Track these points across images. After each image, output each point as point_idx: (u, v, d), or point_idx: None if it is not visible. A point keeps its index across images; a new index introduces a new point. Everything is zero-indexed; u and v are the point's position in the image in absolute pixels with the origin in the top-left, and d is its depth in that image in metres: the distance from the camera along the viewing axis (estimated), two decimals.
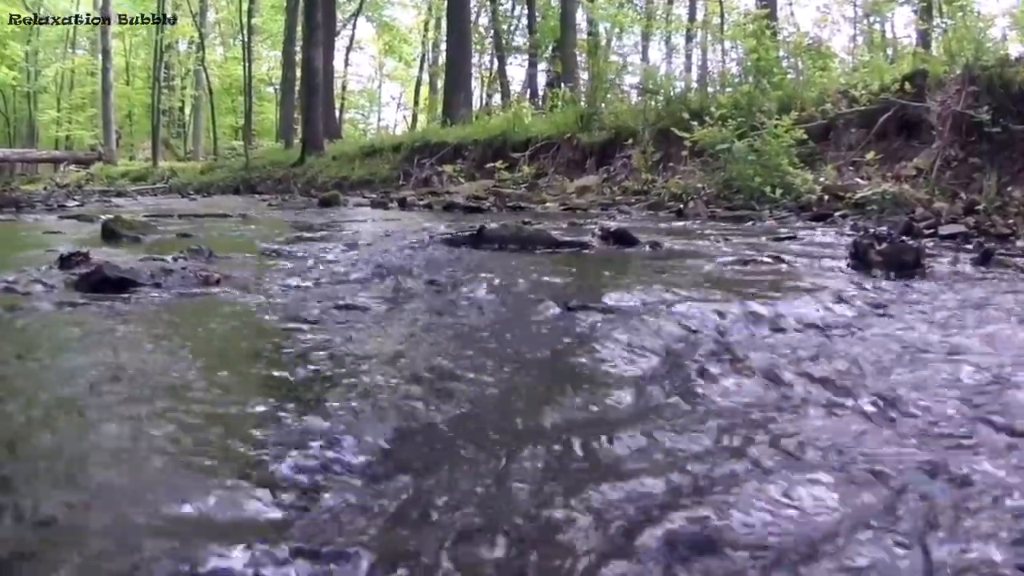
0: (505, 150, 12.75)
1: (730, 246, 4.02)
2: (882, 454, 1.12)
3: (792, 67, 10.85)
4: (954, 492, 0.99)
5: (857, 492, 0.99)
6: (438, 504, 0.95)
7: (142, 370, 1.50)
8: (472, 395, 1.38)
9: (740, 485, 1.01)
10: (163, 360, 1.57)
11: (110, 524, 0.88)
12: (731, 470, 1.06)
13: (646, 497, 0.97)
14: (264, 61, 36.57)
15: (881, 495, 0.98)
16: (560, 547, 0.86)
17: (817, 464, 1.08)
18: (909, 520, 0.92)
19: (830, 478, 1.03)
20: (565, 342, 1.78)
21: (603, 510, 0.94)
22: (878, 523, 0.91)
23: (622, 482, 1.01)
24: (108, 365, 1.52)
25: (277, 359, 1.65)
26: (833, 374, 1.52)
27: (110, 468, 1.03)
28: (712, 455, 1.12)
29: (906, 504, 0.96)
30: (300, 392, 1.41)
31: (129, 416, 1.22)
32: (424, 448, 1.14)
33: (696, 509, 0.94)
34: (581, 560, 0.83)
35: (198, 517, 0.90)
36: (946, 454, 1.12)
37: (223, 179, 18.85)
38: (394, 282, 2.64)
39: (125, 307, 2.13)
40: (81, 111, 38.01)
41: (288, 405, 1.31)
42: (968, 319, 2.06)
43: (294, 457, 1.07)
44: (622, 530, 0.89)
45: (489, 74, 31.81)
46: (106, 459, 1.07)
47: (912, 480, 1.03)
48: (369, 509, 0.94)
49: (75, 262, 2.81)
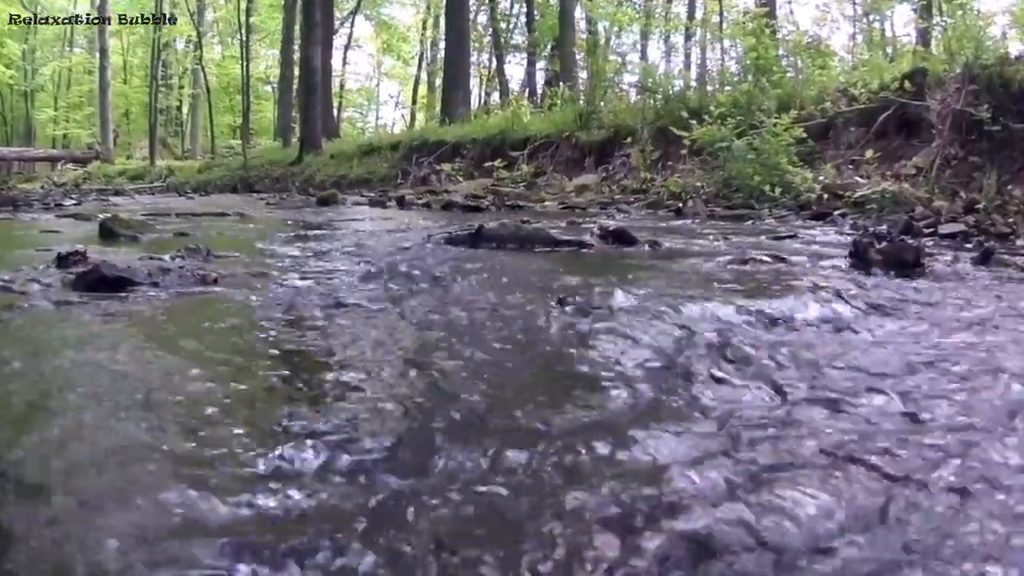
0: (504, 149, 12.74)
1: (729, 245, 4.00)
2: (881, 454, 1.11)
3: (791, 66, 10.84)
4: (952, 491, 0.99)
5: (857, 493, 0.99)
6: (434, 504, 0.95)
7: (139, 369, 1.49)
8: (470, 394, 1.38)
9: (737, 486, 1.00)
10: (160, 359, 1.56)
11: (103, 527, 0.87)
12: (728, 471, 1.05)
13: (642, 498, 0.97)
14: (262, 60, 36.57)
15: (880, 496, 0.98)
16: (556, 547, 0.86)
17: (816, 465, 1.08)
18: (907, 520, 0.92)
19: (829, 479, 1.03)
20: (563, 342, 1.77)
21: (599, 511, 0.93)
22: (877, 524, 0.91)
23: (618, 483, 1.01)
24: (105, 365, 1.52)
25: (275, 358, 1.64)
26: (833, 374, 1.51)
27: (104, 470, 1.02)
28: (709, 456, 1.11)
29: (905, 505, 0.96)
30: (298, 391, 1.41)
31: (125, 416, 1.21)
32: (421, 448, 1.13)
33: (692, 510, 0.93)
34: (578, 560, 0.83)
35: (193, 517, 0.89)
36: (946, 453, 1.11)
37: (221, 178, 18.84)
38: (392, 281, 2.63)
39: (122, 306, 2.12)
40: (78, 110, 37.99)
41: (285, 404, 1.30)
42: (968, 318, 2.05)
43: (292, 455, 1.07)
44: (618, 530, 0.89)
45: (488, 72, 31.80)
46: (100, 460, 1.05)
47: (910, 480, 1.02)
48: (366, 508, 0.94)
49: (72, 261, 2.79)
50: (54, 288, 2.38)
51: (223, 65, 35.66)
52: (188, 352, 1.63)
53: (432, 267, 2.92)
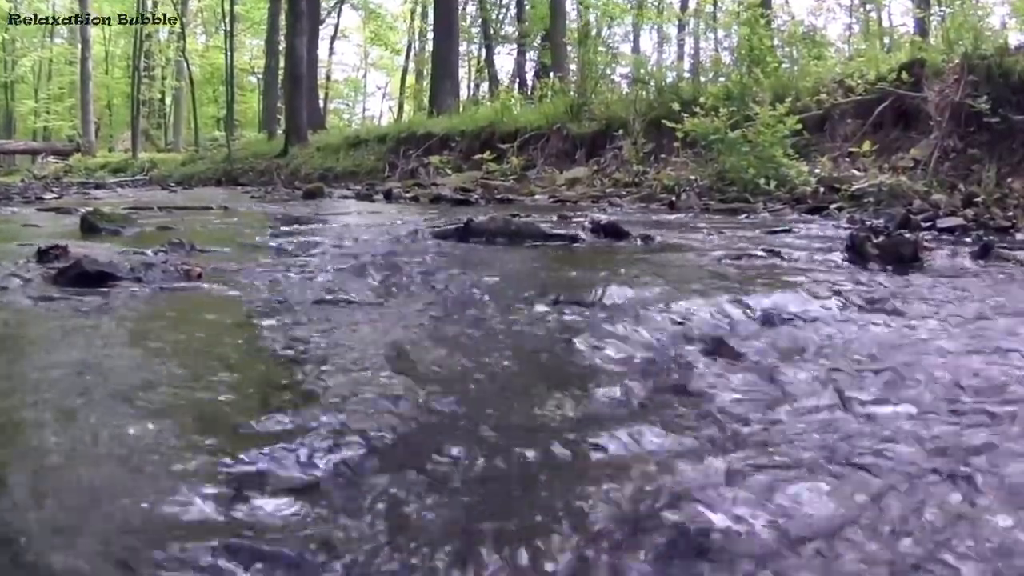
0: (493, 141, 12.60)
1: (723, 239, 3.98)
2: (877, 450, 1.11)
3: (787, 56, 10.79)
4: (949, 488, 0.98)
5: (852, 489, 0.98)
6: (423, 502, 0.94)
7: (119, 366, 1.48)
8: (458, 390, 1.37)
9: (731, 483, 0.99)
10: (141, 356, 1.55)
11: (78, 525, 0.85)
12: (722, 467, 1.04)
13: (635, 494, 0.96)
14: (247, 50, 36.34)
15: (874, 492, 0.97)
16: (550, 546, 0.85)
17: (810, 460, 1.07)
18: (903, 518, 0.91)
19: (824, 475, 1.02)
20: (553, 337, 1.76)
21: (592, 508, 0.93)
22: (871, 521, 0.90)
23: (611, 479, 1.00)
24: (85, 361, 1.50)
25: (259, 355, 1.64)
26: (828, 371, 1.50)
27: (77, 467, 1.01)
28: (703, 452, 1.10)
29: (901, 501, 0.95)
30: (281, 388, 1.40)
31: (104, 414, 1.20)
32: (409, 445, 1.12)
33: (686, 507, 0.92)
34: (572, 559, 0.82)
35: (172, 517, 0.88)
36: (941, 449, 1.11)
37: (204, 171, 18.70)
38: (379, 276, 2.62)
39: (104, 302, 2.10)
40: (59, 101, 37.67)
41: (269, 402, 1.29)
42: (967, 314, 2.02)
43: (276, 454, 1.05)
44: (613, 529, 0.88)
45: (477, 63, 31.65)
46: (74, 457, 1.04)
47: (906, 477, 1.02)
48: (355, 506, 0.93)
49: (53, 256, 2.76)
50: (34, 283, 2.37)
51: (207, 55, 35.38)
52: (169, 348, 1.62)
53: (420, 262, 2.89)
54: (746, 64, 9.34)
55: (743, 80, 8.91)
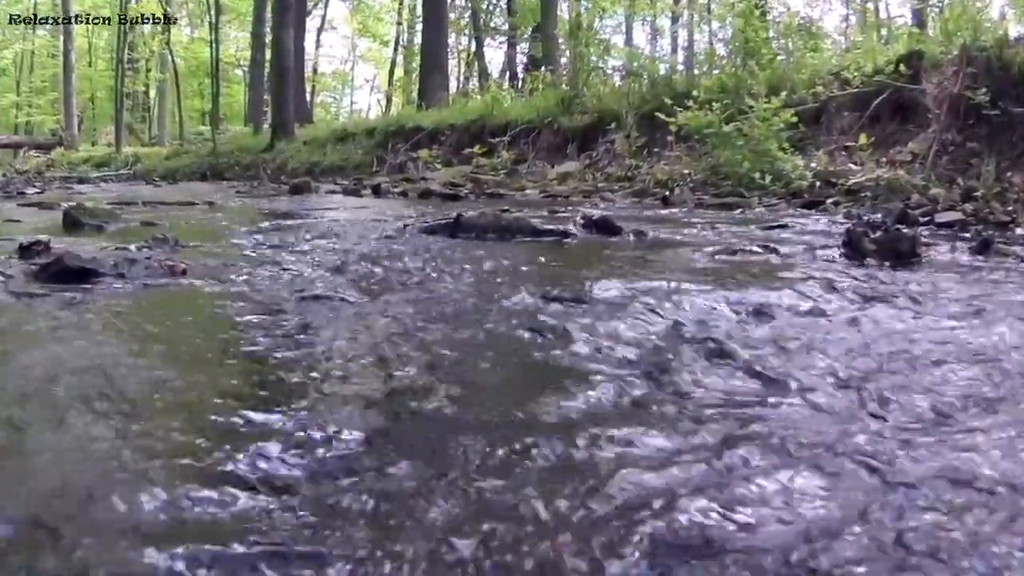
0: (483, 135, 12.49)
1: (718, 235, 3.95)
2: (873, 447, 1.10)
3: (782, 48, 10.73)
4: (947, 487, 0.98)
5: (848, 487, 0.98)
6: (410, 502, 0.93)
7: (98, 364, 1.46)
8: (447, 388, 1.36)
9: (726, 481, 0.99)
10: (123, 353, 1.54)
11: (59, 526, 0.84)
12: (717, 465, 1.04)
13: (626, 493, 0.95)
14: (232, 42, 35.98)
15: (872, 490, 0.97)
16: (544, 546, 0.84)
17: (806, 458, 1.06)
18: (901, 516, 0.90)
19: (820, 473, 1.02)
20: (544, 334, 1.75)
21: (584, 507, 0.92)
22: (868, 518, 0.89)
23: (602, 478, 1.00)
24: (65, 358, 1.50)
25: (243, 352, 1.62)
26: (824, 367, 1.50)
27: (55, 467, 1.00)
28: (696, 450, 1.09)
29: (898, 499, 0.94)
30: (266, 386, 1.39)
31: (80, 411, 1.18)
32: (396, 444, 1.11)
33: (680, 506, 0.92)
34: (565, 558, 0.82)
35: (157, 518, 0.87)
36: (939, 446, 1.10)
37: (189, 165, 18.48)
38: (366, 273, 2.61)
39: (87, 298, 2.10)
40: (41, 95, 37.26)
41: (254, 400, 1.29)
42: (966, 310, 2.00)
43: (261, 453, 1.04)
44: (605, 528, 0.87)
45: (467, 56, 31.47)
46: (51, 458, 1.03)
47: (903, 475, 1.01)
48: (340, 505, 0.92)
49: (35, 252, 2.76)
50: (15, 279, 2.35)
51: (192, 48, 35.01)
52: (152, 345, 1.61)
53: (408, 258, 2.89)
54: (741, 56, 9.27)
55: (738, 73, 8.84)
